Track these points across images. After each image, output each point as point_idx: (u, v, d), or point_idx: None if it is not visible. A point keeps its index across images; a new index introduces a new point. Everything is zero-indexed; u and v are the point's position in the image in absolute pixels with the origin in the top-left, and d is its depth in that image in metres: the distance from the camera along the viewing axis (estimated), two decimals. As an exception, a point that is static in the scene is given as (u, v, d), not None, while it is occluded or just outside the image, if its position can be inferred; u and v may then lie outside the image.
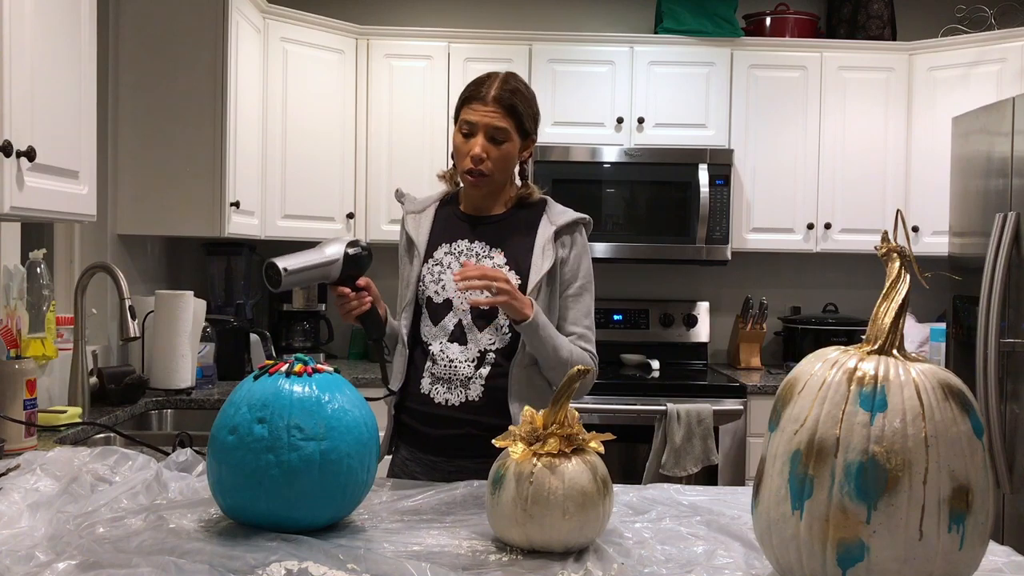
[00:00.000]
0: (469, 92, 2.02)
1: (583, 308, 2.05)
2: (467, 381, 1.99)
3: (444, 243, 2.08)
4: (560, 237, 2.04)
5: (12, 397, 2.24)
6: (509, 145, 2.00)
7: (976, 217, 3.35)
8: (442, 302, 2.03)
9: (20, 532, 1.45)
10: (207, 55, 3.24)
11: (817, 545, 1.22)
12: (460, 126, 2.02)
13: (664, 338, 4.25)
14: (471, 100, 2.00)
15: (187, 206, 3.26)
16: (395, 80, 3.95)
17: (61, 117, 2.13)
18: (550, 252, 2.01)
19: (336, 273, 1.89)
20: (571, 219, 2.06)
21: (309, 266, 1.84)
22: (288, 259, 1.83)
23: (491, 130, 1.98)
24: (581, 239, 2.07)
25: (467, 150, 1.99)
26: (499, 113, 1.98)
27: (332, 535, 1.51)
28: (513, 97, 2.00)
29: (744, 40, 3.99)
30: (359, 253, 1.90)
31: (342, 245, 1.89)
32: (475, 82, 2.04)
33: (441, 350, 2.01)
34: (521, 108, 2.01)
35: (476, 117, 1.98)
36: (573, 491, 1.45)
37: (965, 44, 3.86)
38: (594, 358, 2.04)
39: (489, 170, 1.99)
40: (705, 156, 3.89)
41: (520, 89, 2.03)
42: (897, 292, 1.31)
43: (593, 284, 2.09)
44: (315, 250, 1.88)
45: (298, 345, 4.00)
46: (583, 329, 2.04)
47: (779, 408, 1.31)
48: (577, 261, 2.05)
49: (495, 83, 2.01)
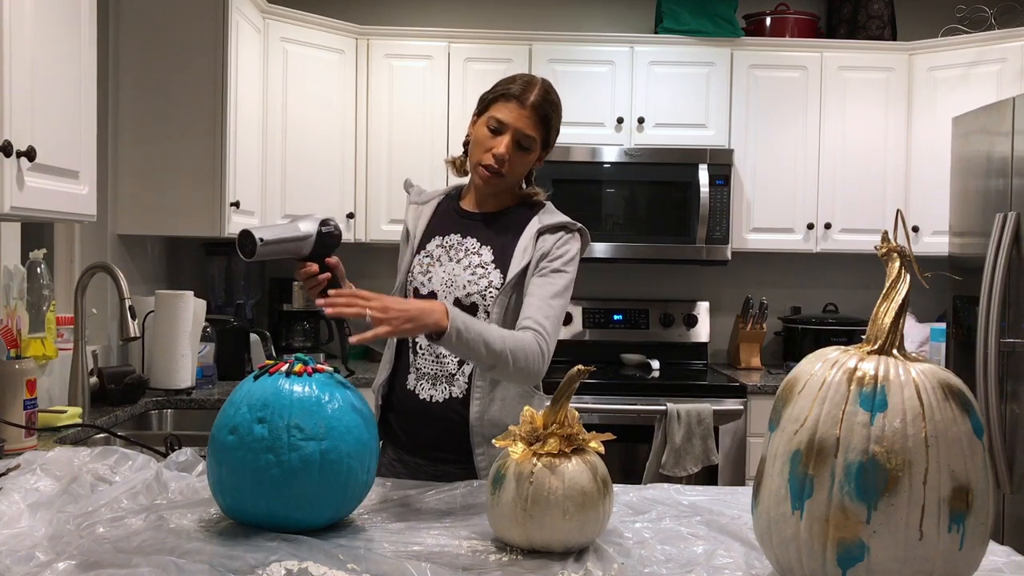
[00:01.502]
0: (507, 90, 1.96)
1: (552, 289, 1.92)
2: (451, 377, 1.98)
3: (438, 235, 2.07)
4: (543, 235, 1.99)
5: (12, 397, 2.24)
6: (531, 154, 1.99)
7: (976, 217, 3.35)
8: (427, 293, 2.01)
9: (20, 532, 1.45)
10: (207, 55, 3.24)
11: (817, 545, 1.22)
12: (488, 121, 1.96)
13: (664, 338, 4.25)
14: (508, 98, 1.95)
15: (187, 206, 3.26)
16: (395, 80, 3.95)
17: (61, 117, 2.13)
18: (530, 250, 1.97)
19: (307, 250, 1.88)
20: (558, 221, 2.01)
21: (283, 239, 1.85)
22: (264, 230, 1.83)
23: (521, 135, 1.95)
24: (569, 237, 2.00)
25: (491, 146, 1.95)
26: (533, 121, 1.95)
27: (332, 535, 1.51)
28: (550, 109, 1.98)
29: (744, 40, 3.99)
30: (332, 232, 1.90)
31: (315, 223, 1.89)
32: (517, 82, 1.98)
33: (427, 344, 1.99)
34: (553, 122, 2.00)
35: (510, 118, 1.94)
36: (573, 491, 1.45)
37: (965, 44, 3.86)
38: (543, 338, 1.86)
39: (507, 172, 1.97)
40: (705, 156, 3.89)
41: (556, 102, 2.01)
42: (897, 292, 1.31)
43: (571, 280, 1.97)
44: (289, 224, 1.88)
45: (298, 345, 4.00)
46: (540, 302, 1.90)
47: (779, 408, 1.31)
48: (561, 251, 1.97)
49: (536, 89, 1.97)
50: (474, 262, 2.00)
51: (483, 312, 1.97)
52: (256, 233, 1.80)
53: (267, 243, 1.81)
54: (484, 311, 1.97)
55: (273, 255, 1.84)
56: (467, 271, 1.99)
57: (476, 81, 3.92)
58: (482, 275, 1.98)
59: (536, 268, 1.96)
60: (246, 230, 1.80)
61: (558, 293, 1.93)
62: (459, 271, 2.00)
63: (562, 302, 1.93)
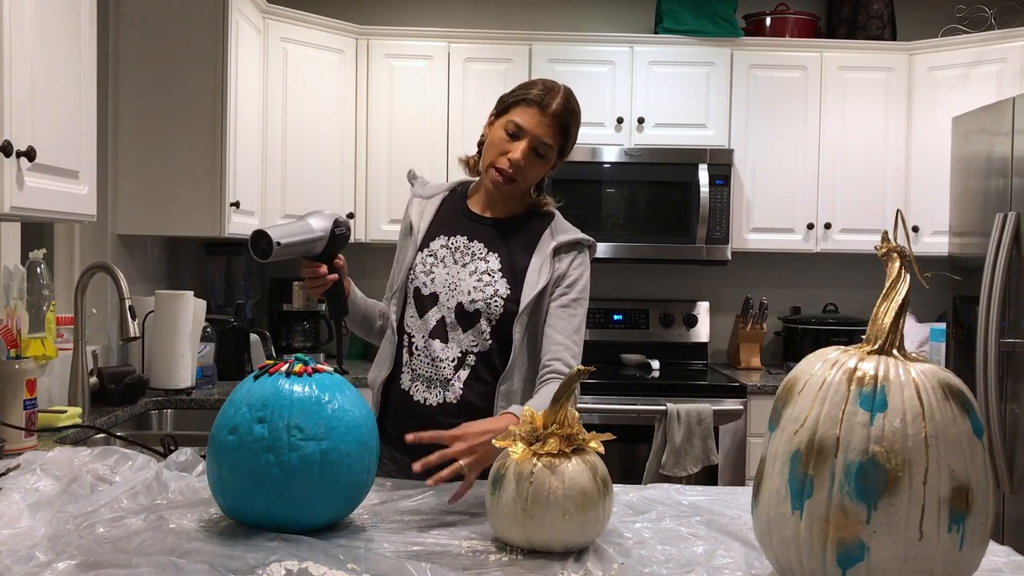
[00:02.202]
0: (529, 95, 1.93)
1: (574, 323, 1.96)
2: (446, 382, 1.96)
3: (443, 235, 2.03)
4: (559, 254, 1.99)
5: (12, 397, 2.24)
6: (547, 162, 1.97)
7: (976, 217, 3.35)
8: (428, 295, 1.99)
9: (20, 532, 1.45)
10: (207, 55, 3.24)
11: (817, 545, 1.22)
12: (507, 124, 1.93)
13: (664, 338, 4.25)
14: (531, 104, 1.92)
15: (187, 206, 3.26)
16: (395, 80, 3.95)
17: (61, 117, 2.13)
18: (547, 270, 1.96)
19: (319, 249, 1.88)
20: (574, 239, 2.01)
21: (298, 241, 1.83)
22: (278, 229, 1.81)
23: (538, 142, 1.92)
24: (582, 257, 2.01)
25: (507, 150, 1.93)
26: (553, 129, 1.93)
27: (332, 535, 1.51)
28: (570, 118, 1.95)
29: (744, 40, 3.99)
30: (343, 232, 1.90)
31: (328, 221, 1.88)
32: (539, 88, 1.95)
33: (424, 345, 1.98)
34: (572, 131, 1.98)
35: (530, 124, 1.91)
36: (573, 491, 1.45)
37: (965, 44, 3.86)
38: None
39: (520, 178, 1.95)
40: (705, 156, 3.89)
41: (577, 111, 1.98)
42: (897, 292, 1.31)
43: (587, 304, 2.01)
44: (301, 223, 1.86)
45: (298, 345, 4.00)
46: (569, 342, 1.93)
47: (779, 408, 1.31)
48: (576, 273, 1.99)
49: (559, 96, 1.94)
50: (480, 268, 1.98)
51: (486, 320, 1.96)
52: (272, 234, 1.77)
53: (284, 246, 1.79)
54: (487, 319, 1.96)
55: (286, 256, 1.83)
56: (472, 277, 1.97)
57: (476, 81, 3.92)
58: (488, 283, 1.97)
59: (554, 291, 1.97)
60: (261, 230, 1.78)
61: (579, 327, 1.96)
62: (464, 276, 1.98)
63: (583, 334, 1.98)
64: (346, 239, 1.92)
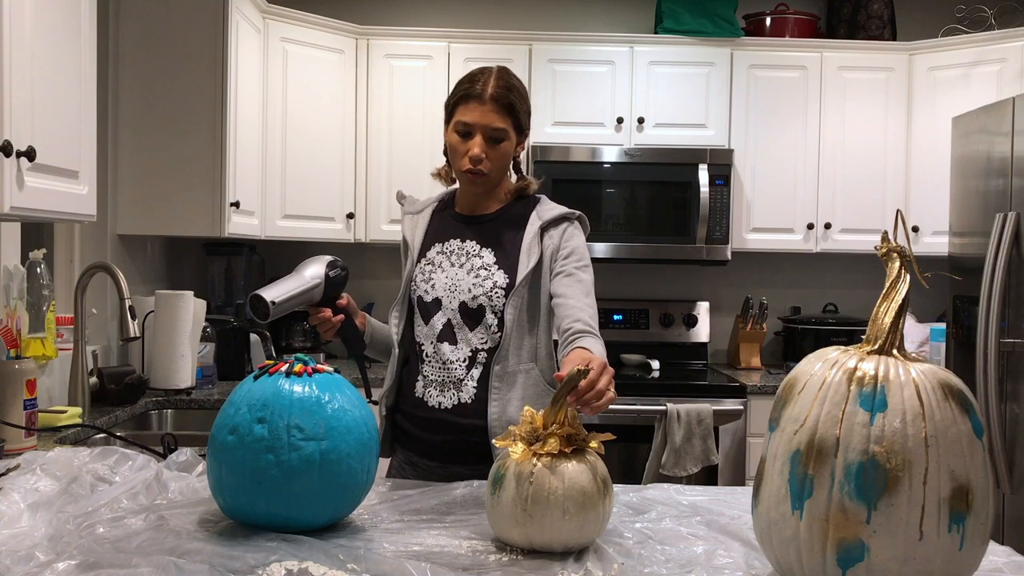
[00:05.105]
0: (464, 91, 1.97)
1: (583, 287, 1.93)
2: (459, 383, 1.97)
3: (437, 242, 2.06)
4: (547, 231, 2.00)
5: (12, 397, 2.24)
6: (507, 144, 1.97)
7: (976, 217, 3.35)
8: (431, 300, 2.01)
9: (20, 532, 1.45)
10: (207, 55, 3.24)
11: (817, 545, 1.22)
12: (455, 125, 1.97)
13: (664, 338, 4.25)
14: (467, 99, 1.95)
15: (187, 206, 3.26)
16: (395, 80, 3.95)
17: (61, 117, 2.13)
18: (536, 249, 1.97)
19: (318, 297, 1.92)
20: (558, 214, 2.02)
21: (294, 294, 1.87)
22: (273, 289, 1.85)
23: (488, 131, 1.94)
24: (572, 229, 2.01)
25: (464, 150, 1.96)
26: (497, 112, 1.94)
27: (332, 535, 1.51)
28: (510, 95, 1.96)
29: (744, 40, 3.99)
30: (339, 274, 1.93)
31: (321, 266, 1.92)
32: (468, 79, 1.99)
33: (434, 350, 2.00)
34: (518, 105, 1.97)
35: (474, 118, 1.94)
36: (573, 491, 1.45)
37: (965, 44, 3.86)
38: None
39: (488, 169, 1.97)
40: (705, 156, 3.89)
41: (516, 86, 1.99)
42: (897, 292, 1.31)
43: (591, 272, 1.99)
44: (295, 276, 1.90)
45: (298, 345, 4.00)
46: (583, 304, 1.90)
47: (779, 408, 1.31)
48: (571, 245, 1.98)
49: (490, 80, 1.96)
50: (476, 264, 2.00)
51: (491, 313, 1.97)
52: (267, 295, 1.81)
53: (279, 304, 1.83)
54: (492, 312, 1.97)
55: (287, 310, 1.86)
56: (470, 274, 1.99)
57: (476, 81, 3.92)
58: (486, 277, 1.98)
59: (554, 267, 1.97)
60: (257, 294, 1.82)
61: (589, 291, 1.94)
62: (462, 275, 1.99)
63: (594, 299, 1.95)
64: (343, 279, 1.94)
